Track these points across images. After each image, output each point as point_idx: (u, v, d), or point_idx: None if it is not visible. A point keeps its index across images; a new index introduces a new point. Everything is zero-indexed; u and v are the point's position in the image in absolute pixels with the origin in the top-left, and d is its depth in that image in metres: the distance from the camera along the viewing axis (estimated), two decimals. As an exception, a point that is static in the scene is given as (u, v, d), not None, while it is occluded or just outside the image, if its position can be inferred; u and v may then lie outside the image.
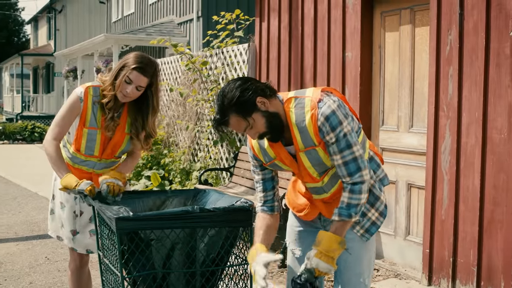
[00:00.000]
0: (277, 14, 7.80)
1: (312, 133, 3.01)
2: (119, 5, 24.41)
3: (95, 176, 4.06)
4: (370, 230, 3.23)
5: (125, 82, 3.86)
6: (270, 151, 3.15)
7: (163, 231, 3.30)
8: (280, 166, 3.18)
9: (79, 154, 4.08)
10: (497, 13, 4.90)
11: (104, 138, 4.04)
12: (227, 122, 3.00)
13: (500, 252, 4.90)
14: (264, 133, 3.02)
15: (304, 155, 3.08)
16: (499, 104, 4.89)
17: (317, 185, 3.17)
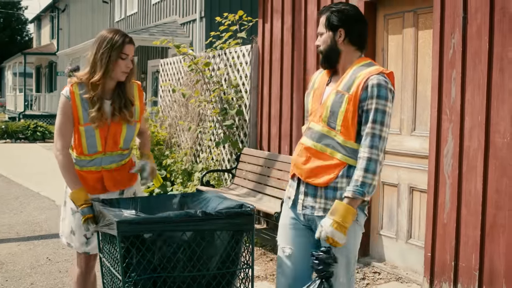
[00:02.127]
0: (280, 16, 7.80)
1: (355, 84, 3.26)
2: (122, 5, 24.42)
3: (105, 173, 4.02)
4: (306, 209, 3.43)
5: (122, 59, 3.85)
6: (316, 81, 3.54)
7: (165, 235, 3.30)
8: (310, 98, 3.51)
9: (83, 156, 4.00)
10: (501, 17, 4.89)
11: (102, 129, 3.94)
12: (322, 13, 3.43)
13: (502, 257, 4.88)
14: (321, 51, 3.43)
15: (334, 95, 3.32)
16: (502, 108, 4.88)
17: (317, 128, 3.38)
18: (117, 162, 4.07)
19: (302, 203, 3.43)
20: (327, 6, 3.43)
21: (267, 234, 7.63)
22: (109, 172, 4.04)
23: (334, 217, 3.15)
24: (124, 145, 4.06)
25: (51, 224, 8.37)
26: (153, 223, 3.26)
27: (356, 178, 3.19)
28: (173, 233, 3.30)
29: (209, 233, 3.36)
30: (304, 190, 3.41)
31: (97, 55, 3.86)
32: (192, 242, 3.33)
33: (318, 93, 3.45)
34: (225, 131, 8.99)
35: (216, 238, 3.37)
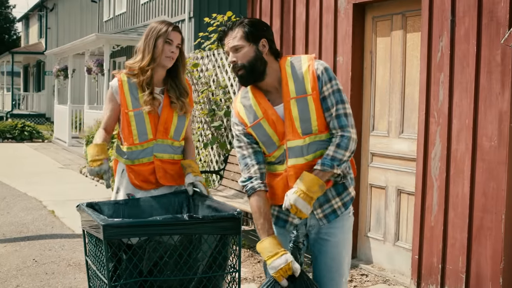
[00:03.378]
0: (269, 18, 7.78)
1: (307, 80, 3.21)
2: (111, 4, 24.35)
3: (157, 162, 4.04)
4: (329, 217, 3.32)
5: (168, 44, 3.95)
6: (257, 109, 3.28)
7: (152, 238, 3.28)
8: (264, 129, 3.26)
9: (134, 146, 4.02)
10: (488, 21, 4.90)
11: (152, 116, 4.01)
12: (232, 28, 3.26)
13: (489, 260, 4.90)
14: (243, 65, 3.22)
15: (295, 104, 3.21)
16: (490, 112, 4.89)
17: (298, 143, 3.22)
18: (169, 153, 4.09)
19: (319, 218, 3.31)
20: (234, 22, 3.31)
21: (255, 236, 7.62)
22: (161, 162, 4.05)
23: (299, 186, 3.12)
24: (174, 135, 4.09)
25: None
26: (139, 227, 3.24)
27: (328, 152, 3.19)
28: (160, 237, 3.29)
29: (196, 237, 3.36)
30: (317, 203, 3.28)
31: (145, 42, 4.01)
32: (178, 246, 3.32)
33: (272, 115, 3.25)
34: (213, 132, 8.98)
35: (203, 242, 3.36)
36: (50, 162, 16.23)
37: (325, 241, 3.33)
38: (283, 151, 3.25)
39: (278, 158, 3.27)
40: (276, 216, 3.40)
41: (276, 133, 3.25)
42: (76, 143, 19.35)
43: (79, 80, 27.87)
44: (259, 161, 3.30)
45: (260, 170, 3.28)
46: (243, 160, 3.32)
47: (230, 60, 3.27)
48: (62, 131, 21.05)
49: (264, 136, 3.27)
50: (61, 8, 34.96)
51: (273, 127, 3.25)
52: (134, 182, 4.05)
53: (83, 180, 12.99)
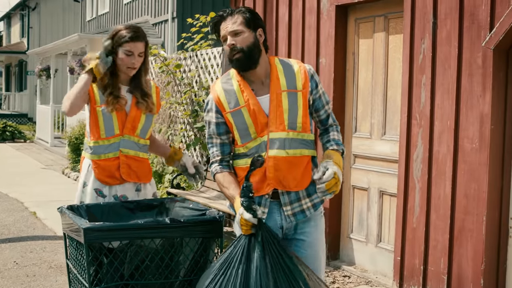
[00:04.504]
0: (252, 18, 7.76)
1: (299, 78, 3.29)
2: (94, 4, 24.22)
3: (123, 158, 4.08)
4: (297, 216, 3.32)
5: (127, 56, 3.97)
6: (239, 96, 3.28)
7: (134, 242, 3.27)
8: (243, 117, 3.27)
9: (101, 140, 4.07)
10: (470, 23, 4.93)
11: (120, 114, 4.06)
12: (232, 14, 3.26)
13: (470, 261, 4.92)
14: (242, 49, 3.21)
15: (286, 96, 3.26)
16: (471, 114, 4.91)
17: (282, 135, 3.25)
18: (135, 150, 4.14)
19: (287, 215, 3.30)
20: (231, 9, 3.34)
21: (237, 237, 7.60)
22: (126, 158, 4.09)
23: (333, 159, 3.20)
24: (141, 133, 4.16)
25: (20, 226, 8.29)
26: (121, 230, 3.24)
27: (333, 137, 3.39)
28: (142, 240, 3.28)
29: (178, 240, 3.35)
30: (287, 200, 3.28)
31: (105, 44, 4.03)
32: (160, 250, 3.32)
33: (253, 105, 3.26)
34: (196, 133, 8.96)
35: (184, 245, 3.35)
36: (32, 162, 16.13)
37: (301, 241, 3.34)
38: (259, 143, 3.27)
39: (251, 150, 3.28)
40: None
41: (255, 124, 3.26)
42: (59, 144, 19.23)
43: (61, 80, 27.69)
44: (224, 153, 3.36)
45: (224, 160, 3.36)
46: (211, 147, 3.40)
47: (228, 43, 3.24)
48: (44, 132, 20.92)
49: (242, 124, 3.28)
50: (44, 7, 34.77)
51: (253, 117, 3.26)
52: (99, 177, 4.08)
53: (65, 181, 12.92)
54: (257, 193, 3.25)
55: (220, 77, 3.42)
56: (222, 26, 3.28)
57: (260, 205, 3.26)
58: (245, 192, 3.04)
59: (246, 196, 3.03)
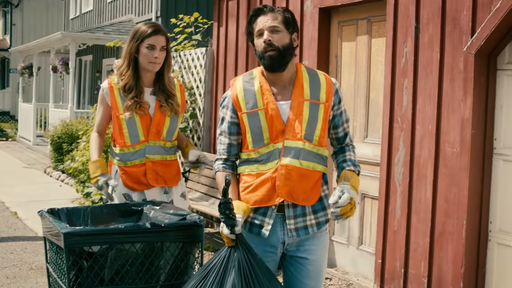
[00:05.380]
0: (235, 20, 7.78)
1: (324, 90, 3.20)
2: (77, 2, 24.12)
3: (149, 164, 4.07)
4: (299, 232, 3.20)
5: (149, 50, 3.96)
6: (259, 98, 3.15)
7: (114, 246, 3.26)
8: (259, 120, 3.15)
9: (126, 148, 4.05)
10: (452, 28, 4.95)
11: (144, 118, 4.03)
12: (273, 10, 3.17)
13: (450, 264, 4.95)
14: (278, 48, 3.08)
15: (308, 105, 3.16)
16: (452, 118, 4.94)
17: (298, 145, 3.13)
18: (161, 154, 4.12)
19: (290, 229, 3.17)
20: (272, 6, 3.22)
21: (219, 238, 7.61)
22: (153, 163, 4.08)
23: (350, 182, 3.10)
24: (167, 136, 4.12)
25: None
26: (101, 235, 3.22)
27: (350, 157, 3.29)
28: (122, 245, 3.27)
29: (158, 245, 3.34)
30: (292, 214, 3.16)
31: (128, 45, 4.04)
32: (140, 254, 3.31)
33: (272, 110, 3.13)
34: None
35: (165, 249, 3.35)
36: (14, 161, 16.03)
37: (304, 259, 3.23)
38: (272, 150, 3.14)
39: (263, 156, 3.16)
40: (250, 222, 3.21)
41: (270, 129, 3.14)
42: (41, 142, 19.13)
43: (44, 78, 27.55)
44: (230, 153, 3.27)
45: (229, 160, 3.29)
46: (219, 143, 3.31)
47: (265, 38, 3.09)
48: (26, 130, 20.80)
49: (257, 128, 3.16)
50: (27, 4, 34.53)
51: (269, 122, 3.14)
52: (127, 183, 4.08)
53: (47, 180, 12.86)
54: (265, 203, 3.14)
55: (241, 76, 3.31)
56: (261, 19, 3.15)
57: (266, 215, 3.15)
58: (222, 208, 2.91)
59: (223, 213, 2.91)
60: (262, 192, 3.15)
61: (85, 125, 13.04)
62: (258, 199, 3.15)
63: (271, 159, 3.15)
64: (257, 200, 3.16)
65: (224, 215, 2.91)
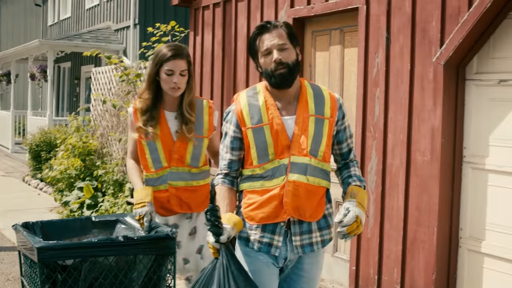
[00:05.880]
0: (211, 29, 7.84)
1: (328, 105, 3.19)
2: (55, 8, 24.05)
3: (172, 190, 3.98)
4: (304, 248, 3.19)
5: (168, 75, 3.84)
6: (264, 113, 3.13)
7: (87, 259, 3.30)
8: (264, 135, 3.12)
9: (150, 173, 4.00)
10: (421, 39, 5.05)
11: (166, 143, 3.95)
12: (277, 27, 3.14)
13: (422, 271, 5.03)
14: (288, 64, 3.09)
15: (313, 121, 3.13)
16: (423, 127, 5.03)
17: (304, 161, 3.10)
18: (186, 180, 4.00)
19: (295, 245, 3.16)
20: (274, 21, 3.19)
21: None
22: (176, 190, 3.98)
23: (357, 199, 3.06)
24: (192, 162, 4.00)
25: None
26: (75, 249, 3.26)
27: (355, 172, 3.26)
28: (95, 258, 3.31)
29: (131, 257, 3.38)
30: (298, 230, 3.15)
31: (149, 69, 3.95)
32: (114, 267, 3.35)
33: (277, 125, 3.11)
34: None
35: (138, 262, 3.39)
36: (-8, 169, 15.98)
37: (299, 276, 3.24)
38: (278, 165, 3.11)
39: (268, 172, 3.12)
40: (259, 241, 3.17)
41: (275, 144, 3.11)
42: (20, 150, 19.05)
43: (22, 85, 27.43)
44: (231, 169, 3.22)
45: (229, 175, 3.22)
46: (221, 159, 3.26)
47: (276, 57, 3.07)
48: (4, 137, 20.70)
49: (262, 143, 3.12)
50: (4, 11, 34.38)
51: (274, 137, 3.11)
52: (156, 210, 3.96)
53: (26, 189, 12.82)
54: (273, 219, 3.11)
55: (245, 90, 3.28)
56: (266, 37, 3.12)
57: (275, 233, 3.13)
58: (208, 215, 2.88)
59: (209, 220, 2.88)
60: (269, 209, 3.11)
61: (63, 133, 13.05)
62: (265, 216, 3.12)
63: (277, 175, 3.11)
64: (263, 217, 3.12)
65: (210, 222, 2.88)
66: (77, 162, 10.59)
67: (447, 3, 4.85)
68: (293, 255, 3.17)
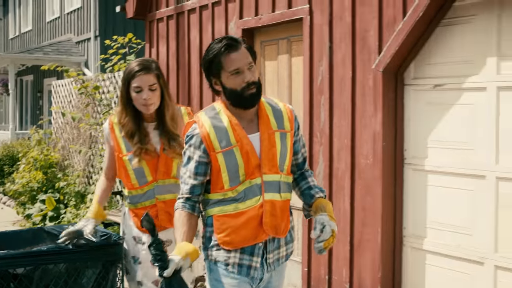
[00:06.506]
0: (166, 41, 8.01)
1: (286, 118, 3.12)
2: (16, 21, 24.03)
3: (160, 204, 3.77)
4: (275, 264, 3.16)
5: (136, 93, 3.65)
6: (231, 134, 3.00)
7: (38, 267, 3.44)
8: (235, 158, 2.99)
9: (134, 190, 3.79)
10: (361, 47, 5.27)
11: (150, 157, 3.73)
12: (241, 43, 3.00)
13: (369, 270, 5.24)
14: (257, 83, 2.98)
15: (279, 137, 3.06)
16: (365, 132, 5.25)
17: (276, 178, 3.05)
18: (174, 193, 3.72)
19: (269, 263, 3.11)
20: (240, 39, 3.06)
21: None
22: (165, 203, 3.77)
23: (327, 212, 3.04)
24: (178, 173, 3.75)
25: None
26: (25, 257, 3.42)
27: (314, 183, 3.23)
28: (46, 266, 3.46)
29: (80, 264, 3.54)
30: (272, 248, 3.10)
31: (120, 89, 3.77)
32: (64, 273, 3.50)
33: (247, 144, 3.02)
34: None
35: (87, 269, 3.55)
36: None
37: None
38: (251, 186, 3.01)
39: (240, 194, 3.02)
40: (239, 264, 3.06)
41: (246, 165, 3.00)
42: (-17, 164, 18.99)
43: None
44: (193, 194, 3.05)
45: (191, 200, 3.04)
46: (182, 182, 3.08)
47: (249, 79, 2.96)
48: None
49: (234, 166, 3.00)
50: (-34, 25, 34.16)
51: (245, 158, 3.00)
52: (139, 226, 3.75)
53: (-12, 203, 12.84)
54: (252, 241, 3.03)
55: (203, 111, 3.12)
56: (235, 56, 2.97)
57: (254, 255, 3.05)
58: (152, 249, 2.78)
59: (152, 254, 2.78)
60: (247, 232, 3.02)
61: (26, 146, 13.10)
62: (243, 239, 3.03)
63: (250, 196, 3.01)
64: (242, 240, 3.02)
65: (153, 256, 2.77)
66: (39, 175, 10.67)
67: (384, 13, 5.08)
68: (267, 274, 3.11)
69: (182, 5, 7.60)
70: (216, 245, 3.05)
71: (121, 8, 8.66)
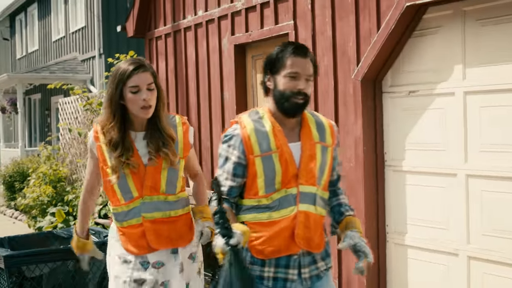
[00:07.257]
0: (164, 57, 8.45)
1: (328, 132, 3.11)
2: (23, 42, 24.54)
3: (147, 224, 3.37)
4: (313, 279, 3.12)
5: (134, 93, 3.27)
6: (272, 139, 2.96)
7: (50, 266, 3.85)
8: (273, 164, 2.95)
9: (119, 207, 3.40)
10: (342, 59, 5.68)
11: (136, 173, 3.35)
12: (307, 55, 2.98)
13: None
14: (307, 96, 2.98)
15: (320, 149, 3.02)
16: (348, 138, 5.64)
17: (312, 190, 3.01)
18: (163, 211, 3.41)
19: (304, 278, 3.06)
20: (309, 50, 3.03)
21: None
22: (152, 223, 3.38)
23: (357, 229, 3.12)
24: (167, 188, 3.41)
25: None
26: (37, 255, 3.84)
27: (345, 201, 3.28)
28: (55, 263, 3.87)
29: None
30: (306, 262, 3.05)
31: (109, 92, 3.33)
32: (72, 270, 3.91)
33: (286, 152, 2.97)
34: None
35: (91, 264, 3.95)
36: (-32, 202, 16.31)
37: None
38: (286, 195, 2.97)
39: (275, 202, 2.97)
40: (274, 277, 3.02)
41: (284, 173, 2.95)
42: (-6, 182, 19.44)
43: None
44: (231, 195, 3.02)
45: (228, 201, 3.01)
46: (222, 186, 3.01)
47: (302, 88, 2.95)
48: (-21, 171, 21.06)
49: (271, 172, 2.95)
50: (-26, 45, 34.72)
51: (284, 166, 2.95)
52: (126, 246, 3.39)
53: (1, 218, 13.21)
54: (284, 253, 2.98)
55: (246, 114, 3.09)
56: (300, 61, 2.96)
57: (289, 267, 3.00)
58: (217, 217, 2.73)
59: (218, 223, 2.73)
60: (280, 242, 2.96)
61: (36, 162, 13.54)
62: (276, 250, 2.98)
63: (285, 206, 2.96)
64: (274, 250, 2.97)
65: (219, 224, 2.72)
66: (48, 189, 11.09)
67: (360, 26, 5.50)
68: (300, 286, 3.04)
69: (179, 24, 8.04)
70: (250, 256, 2.99)
71: (122, 28, 9.11)
